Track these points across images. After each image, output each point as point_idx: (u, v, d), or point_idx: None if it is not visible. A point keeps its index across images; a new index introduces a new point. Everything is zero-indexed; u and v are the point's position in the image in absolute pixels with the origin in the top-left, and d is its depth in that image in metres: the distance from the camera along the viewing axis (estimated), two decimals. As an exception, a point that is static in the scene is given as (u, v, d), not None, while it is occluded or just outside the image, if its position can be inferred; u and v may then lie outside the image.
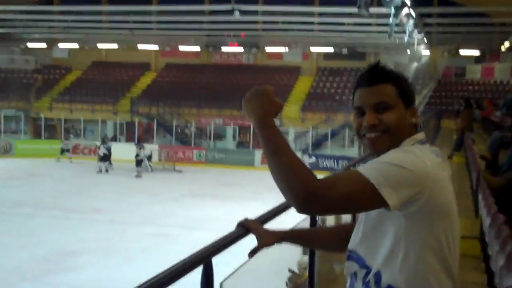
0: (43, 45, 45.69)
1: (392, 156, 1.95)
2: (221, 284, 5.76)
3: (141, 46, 44.40)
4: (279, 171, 1.88)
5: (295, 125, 36.24)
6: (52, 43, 45.80)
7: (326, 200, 1.84)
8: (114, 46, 45.00)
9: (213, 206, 22.17)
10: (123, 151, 33.75)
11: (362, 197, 1.88)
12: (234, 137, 39.20)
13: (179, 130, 38.80)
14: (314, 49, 41.53)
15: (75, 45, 45.79)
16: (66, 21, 39.47)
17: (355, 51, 40.61)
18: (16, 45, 46.08)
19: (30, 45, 46.11)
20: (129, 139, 38.54)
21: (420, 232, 1.97)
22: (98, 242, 16.42)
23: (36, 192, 24.86)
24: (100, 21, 39.53)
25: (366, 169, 1.89)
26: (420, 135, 2.12)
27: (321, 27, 37.13)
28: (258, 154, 34.26)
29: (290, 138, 35.56)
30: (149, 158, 32.00)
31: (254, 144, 35.73)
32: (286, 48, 42.71)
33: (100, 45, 45.36)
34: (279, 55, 43.70)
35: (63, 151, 35.08)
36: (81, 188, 26.02)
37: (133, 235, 17.51)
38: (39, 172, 30.66)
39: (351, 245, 2.17)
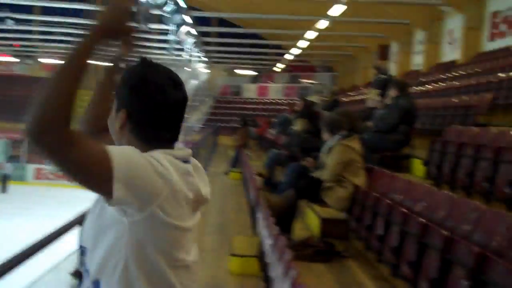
0: None
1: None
2: None
3: None
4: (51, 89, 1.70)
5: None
6: None
7: (60, 148, 1.54)
8: None
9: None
10: None
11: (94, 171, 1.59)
12: (5, 151, 36.52)
13: None
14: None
15: None
16: None
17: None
18: None
19: None
20: None
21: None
22: None
23: None
24: None
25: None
26: None
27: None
28: (30, 168, 32.72)
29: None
30: None
31: (27, 158, 33.62)
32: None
33: None
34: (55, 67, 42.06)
35: None
36: None
37: None
38: None
39: (84, 238, 1.78)
